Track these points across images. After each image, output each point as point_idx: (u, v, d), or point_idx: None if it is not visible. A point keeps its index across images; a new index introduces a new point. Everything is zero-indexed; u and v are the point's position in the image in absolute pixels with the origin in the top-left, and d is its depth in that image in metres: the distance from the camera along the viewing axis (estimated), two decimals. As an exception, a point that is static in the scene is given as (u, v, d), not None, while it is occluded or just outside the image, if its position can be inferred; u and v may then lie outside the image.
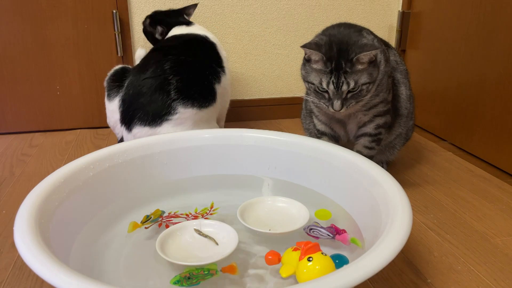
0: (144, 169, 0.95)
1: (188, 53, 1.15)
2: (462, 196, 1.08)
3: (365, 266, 0.53)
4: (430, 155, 1.35)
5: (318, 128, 1.16)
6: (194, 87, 1.10)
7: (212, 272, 0.65)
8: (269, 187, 1.00)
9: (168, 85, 1.06)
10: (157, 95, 1.06)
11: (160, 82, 1.07)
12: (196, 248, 0.74)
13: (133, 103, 1.07)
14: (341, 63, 0.92)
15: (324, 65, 0.94)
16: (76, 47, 1.49)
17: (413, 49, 1.63)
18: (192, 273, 0.65)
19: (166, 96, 1.06)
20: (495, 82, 1.24)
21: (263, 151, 1.01)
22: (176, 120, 1.07)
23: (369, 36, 1.00)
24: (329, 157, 0.92)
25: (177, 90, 1.07)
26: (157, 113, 1.06)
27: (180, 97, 1.06)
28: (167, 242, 0.74)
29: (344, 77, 0.92)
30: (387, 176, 0.78)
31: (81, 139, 1.48)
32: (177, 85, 1.07)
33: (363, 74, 0.93)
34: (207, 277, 0.65)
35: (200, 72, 1.13)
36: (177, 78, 1.07)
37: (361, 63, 0.92)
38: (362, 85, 0.93)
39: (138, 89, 1.07)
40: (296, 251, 0.68)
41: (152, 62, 1.10)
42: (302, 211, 0.83)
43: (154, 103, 1.06)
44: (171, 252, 0.72)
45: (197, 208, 0.88)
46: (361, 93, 0.94)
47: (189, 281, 0.64)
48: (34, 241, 0.58)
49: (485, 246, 0.87)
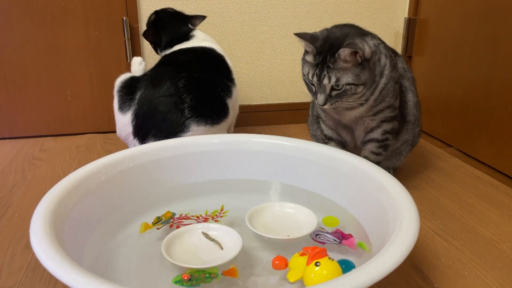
0: (155, 174, 0.96)
1: (200, 70, 1.16)
2: (468, 202, 1.09)
3: (372, 270, 0.54)
4: (437, 161, 1.35)
5: (325, 134, 1.17)
6: (208, 105, 1.12)
7: (212, 275, 0.67)
8: (277, 192, 1.01)
9: (182, 104, 1.09)
10: (171, 114, 1.09)
11: (175, 101, 1.09)
12: (201, 251, 0.75)
13: (148, 120, 1.10)
14: (326, 58, 0.93)
15: (313, 58, 0.96)
16: (86, 53, 1.51)
17: (420, 55, 1.64)
18: (193, 275, 0.67)
19: (180, 114, 1.08)
20: (501, 88, 1.25)
21: (271, 156, 1.02)
22: None
23: (372, 41, 0.99)
24: (337, 163, 0.94)
25: (191, 108, 1.09)
26: (171, 131, 1.09)
27: (194, 115, 1.09)
28: (174, 243, 0.76)
29: (327, 71, 0.93)
30: (394, 181, 0.79)
31: (91, 144, 1.50)
32: (191, 104, 1.09)
33: (347, 73, 0.92)
34: (207, 280, 0.67)
35: (213, 90, 1.15)
36: (190, 96, 1.10)
37: (344, 61, 0.92)
38: (345, 85, 0.93)
39: (153, 107, 1.10)
40: (303, 256, 0.69)
41: (166, 79, 1.12)
42: (310, 217, 0.84)
43: (169, 121, 1.09)
44: (177, 253, 0.74)
45: (207, 211, 0.90)
46: (345, 93, 0.94)
47: (189, 282, 0.66)
48: (49, 243, 0.59)
49: (492, 251, 0.87)
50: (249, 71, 1.67)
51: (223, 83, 1.18)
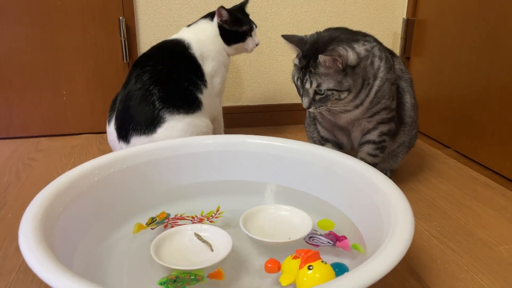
0: (148, 175, 0.96)
1: (164, 63, 1.17)
2: (466, 204, 1.08)
3: (365, 273, 0.53)
4: (434, 162, 1.35)
5: (321, 135, 1.16)
6: (177, 96, 1.14)
7: (198, 278, 0.66)
8: (272, 193, 1.01)
9: (151, 96, 1.11)
10: (143, 106, 1.11)
11: (143, 94, 1.11)
12: (190, 252, 0.75)
13: (125, 118, 1.13)
14: (310, 62, 0.93)
15: (299, 61, 0.97)
16: (83, 53, 1.51)
17: (418, 56, 1.63)
18: (178, 276, 0.66)
19: (152, 106, 1.10)
20: (499, 89, 1.24)
21: (267, 157, 1.02)
22: (168, 125, 1.11)
23: (363, 46, 0.97)
24: (333, 164, 0.93)
25: (160, 100, 1.11)
26: (149, 123, 1.10)
27: (165, 106, 1.11)
28: (165, 243, 0.75)
29: (309, 75, 0.93)
30: (389, 183, 0.79)
31: (86, 144, 1.49)
32: (160, 95, 1.11)
33: (328, 79, 0.92)
34: (193, 283, 0.66)
35: (179, 83, 1.16)
36: (158, 88, 1.12)
37: (325, 67, 0.92)
38: (327, 90, 0.93)
39: (126, 104, 1.13)
40: (296, 259, 0.68)
41: (132, 76, 1.15)
42: (305, 221, 0.83)
43: (143, 113, 1.11)
44: (166, 254, 0.73)
45: (203, 211, 0.89)
46: (328, 98, 0.94)
47: (174, 284, 0.65)
48: (38, 246, 0.58)
49: (489, 254, 0.86)
50: (247, 71, 1.66)
51: (190, 78, 1.18)
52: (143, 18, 1.52)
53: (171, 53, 1.21)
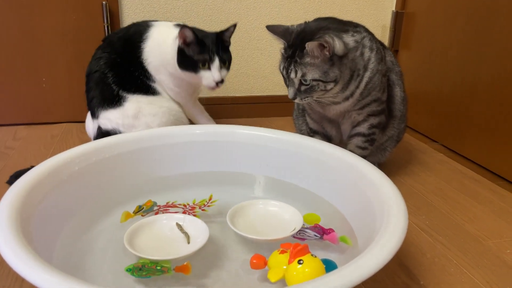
0: (133, 165, 0.92)
1: (119, 54, 1.17)
2: (453, 197, 1.08)
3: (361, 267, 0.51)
4: (422, 156, 1.34)
5: (310, 127, 1.14)
6: (130, 83, 1.16)
7: (164, 269, 0.64)
8: (261, 186, 0.98)
9: (107, 78, 1.14)
10: (101, 87, 1.14)
11: (99, 76, 1.15)
12: (166, 242, 0.72)
13: (90, 97, 1.17)
14: (296, 52, 0.91)
15: (285, 50, 0.95)
16: (64, 38, 1.45)
17: (406, 49, 1.63)
18: (144, 265, 0.64)
19: (109, 87, 1.14)
20: (488, 84, 1.24)
21: (255, 148, 0.99)
22: (133, 99, 1.14)
23: (352, 37, 0.95)
24: (323, 156, 0.91)
25: (115, 83, 1.14)
26: (112, 99, 1.13)
27: (121, 88, 1.14)
28: (144, 231, 0.73)
29: (294, 65, 0.92)
30: (381, 176, 0.77)
31: (67, 133, 1.44)
32: (114, 79, 1.14)
33: (313, 69, 0.90)
34: (157, 274, 0.64)
35: (131, 72, 1.16)
36: (112, 73, 1.15)
37: (312, 56, 0.89)
38: (312, 81, 0.91)
39: (89, 85, 1.17)
40: (284, 253, 0.65)
41: (93, 58, 1.18)
42: (295, 216, 0.81)
43: (104, 92, 1.14)
44: (142, 241, 0.71)
45: (195, 199, 0.86)
46: (313, 89, 0.92)
47: (139, 272, 0.63)
48: (14, 237, 0.55)
49: (478, 248, 0.86)
50: (234, 61, 1.62)
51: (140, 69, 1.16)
52: (127, 3, 1.47)
53: (128, 42, 1.18)
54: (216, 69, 1.09)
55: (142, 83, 1.17)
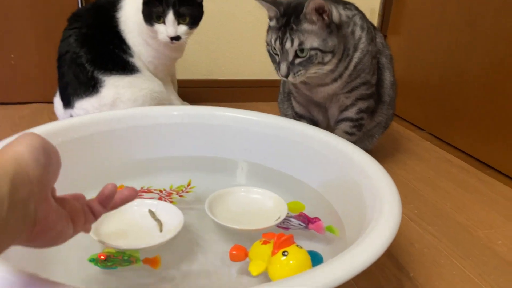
0: (105, 146, 0.85)
1: (89, 26, 1.08)
2: (441, 186, 1.04)
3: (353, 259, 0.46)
4: (409, 144, 1.31)
5: (296, 111, 1.09)
6: (105, 59, 1.06)
7: (132, 259, 0.58)
8: (243, 172, 0.93)
9: (79, 58, 1.05)
10: (74, 69, 1.05)
11: (71, 57, 1.05)
12: (137, 230, 0.66)
13: (63, 84, 1.07)
14: (290, 20, 0.85)
15: (277, 21, 0.88)
16: (33, 11, 1.34)
17: (395, 34, 1.58)
18: (110, 256, 0.58)
19: (83, 68, 1.04)
20: (477, 72, 1.20)
21: (237, 132, 0.93)
22: (110, 84, 1.05)
23: (345, 11, 0.91)
24: (310, 140, 0.85)
25: (89, 62, 1.04)
26: (87, 85, 1.04)
27: (96, 68, 1.04)
28: (115, 217, 0.66)
29: (289, 33, 0.84)
30: (373, 162, 0.72)
31: (36, 114, 1.35)
32: (87, 58, 1.04)
33: (312, 36, 0.84)
34: (125, 264, 0.58)
35: (105, 46, 1.08)
36: (84, 50, 1.05)
37: (309, 21, 0.83)
38: (310, 50, 0.84)
39: (59, 70, 1.08)
40: (266, 244, 0.60)
41: (62, 39, 1.09)
42: (279, 205, 0.75)
43: (78, 75, 1.05)
44: (110, 228, 0.64)
45: (172, 185, 0.80)
46: (310, 61, 0.85)
47: (104, 262, 0.57)
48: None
49: (468, 238, 0.83)
50: (217, 43, 1.55)
51: (114, 42, 1.09)
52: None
53: (99, 13, 1.11)
54: (170, 23, 1.04)
55: (118, 58, 1.08)
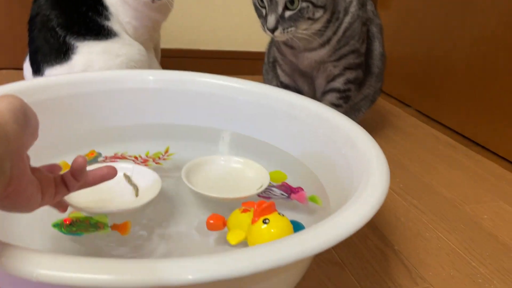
0: (74, 111, 0.79)
1: None
2: (428, 161, 1.02)
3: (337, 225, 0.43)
4: (395, 120, 1.28)
5: (281, 80, 1.04)
6: (79, 22, 0.99)
7: (99, 225, 0.54)
8: (225, 141, 0.88)
9: (50, 22, 0.97)
10: (45, 33, 0.97)
11: (41, 20, 0.98)
12: (110, 195, 0.61)
13: (33, 49, 0.99)
14: None
15: None
16: (2, -30, 1.26)
17: (384, 9, 1.54)
18: (76, 220, 0.53)
19: (54, 33, 0.97)
20: (466, 48, 1.17)
21: (218, 99, 0.88)
22: (83, 50, 0.97)
23: None
24: (293, 109, 0.81)
25: (60, 26, 0.97)
26: (58, 51, 0.97)
27: (68, 33, 0.97)
28: None
29: None
30: (361, 131, 0.69)
31: (6, 82, 1.26)
32: (58, 21, 0.97)
33: None
34: (91, 230, 0.53)
35: (77, 8, 1.00)
36: (55, 12, 0.97)
37: None
38: (302, 1, 0.79)
39: (31, 35, 1.00)
40: (246, 212, 0.56)
41: (33, 1, 1.01)
42: (261, 174, 0.71)
43: (48, 40, 0.97)
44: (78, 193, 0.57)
45: (148, 152, 0.75)
46: (301, 14, 0.80)
47: (68, 227, 0.52)
48: None
49: (454, 213, 0.81)
50: (200, 11, 1.48)
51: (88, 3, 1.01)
52: None
53: None
54: None
55: (92, 22, 1.01)
